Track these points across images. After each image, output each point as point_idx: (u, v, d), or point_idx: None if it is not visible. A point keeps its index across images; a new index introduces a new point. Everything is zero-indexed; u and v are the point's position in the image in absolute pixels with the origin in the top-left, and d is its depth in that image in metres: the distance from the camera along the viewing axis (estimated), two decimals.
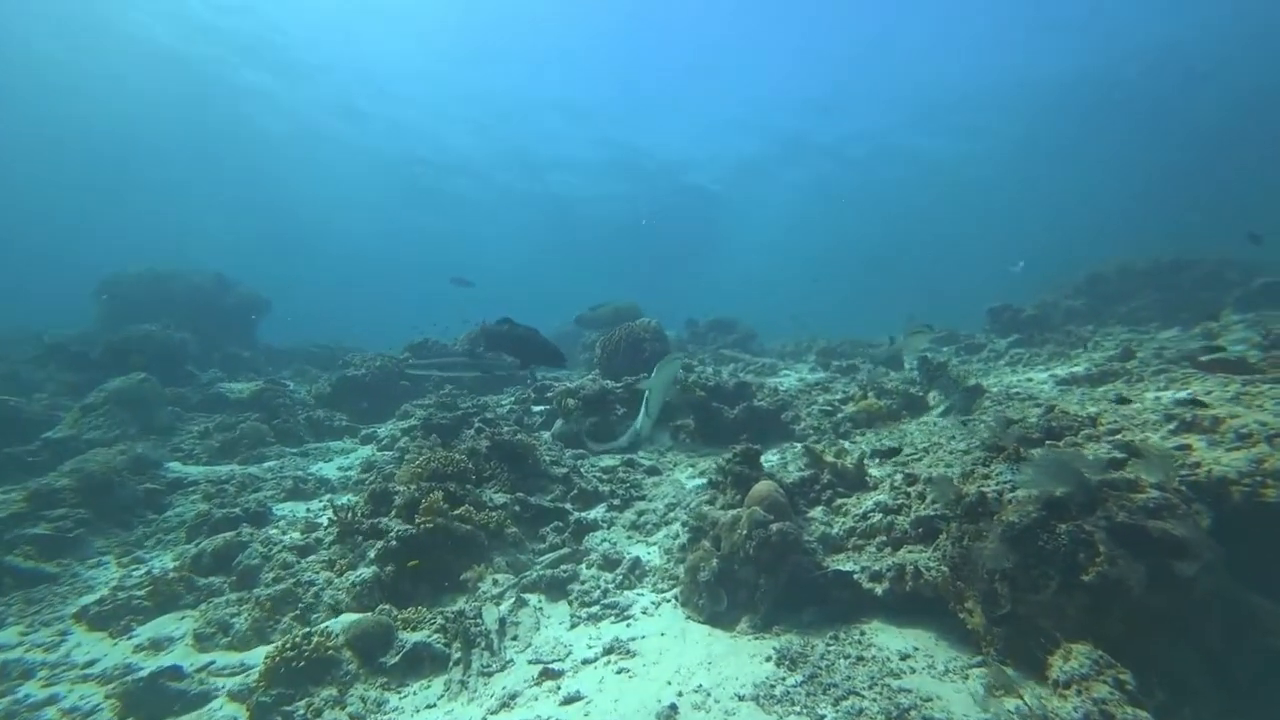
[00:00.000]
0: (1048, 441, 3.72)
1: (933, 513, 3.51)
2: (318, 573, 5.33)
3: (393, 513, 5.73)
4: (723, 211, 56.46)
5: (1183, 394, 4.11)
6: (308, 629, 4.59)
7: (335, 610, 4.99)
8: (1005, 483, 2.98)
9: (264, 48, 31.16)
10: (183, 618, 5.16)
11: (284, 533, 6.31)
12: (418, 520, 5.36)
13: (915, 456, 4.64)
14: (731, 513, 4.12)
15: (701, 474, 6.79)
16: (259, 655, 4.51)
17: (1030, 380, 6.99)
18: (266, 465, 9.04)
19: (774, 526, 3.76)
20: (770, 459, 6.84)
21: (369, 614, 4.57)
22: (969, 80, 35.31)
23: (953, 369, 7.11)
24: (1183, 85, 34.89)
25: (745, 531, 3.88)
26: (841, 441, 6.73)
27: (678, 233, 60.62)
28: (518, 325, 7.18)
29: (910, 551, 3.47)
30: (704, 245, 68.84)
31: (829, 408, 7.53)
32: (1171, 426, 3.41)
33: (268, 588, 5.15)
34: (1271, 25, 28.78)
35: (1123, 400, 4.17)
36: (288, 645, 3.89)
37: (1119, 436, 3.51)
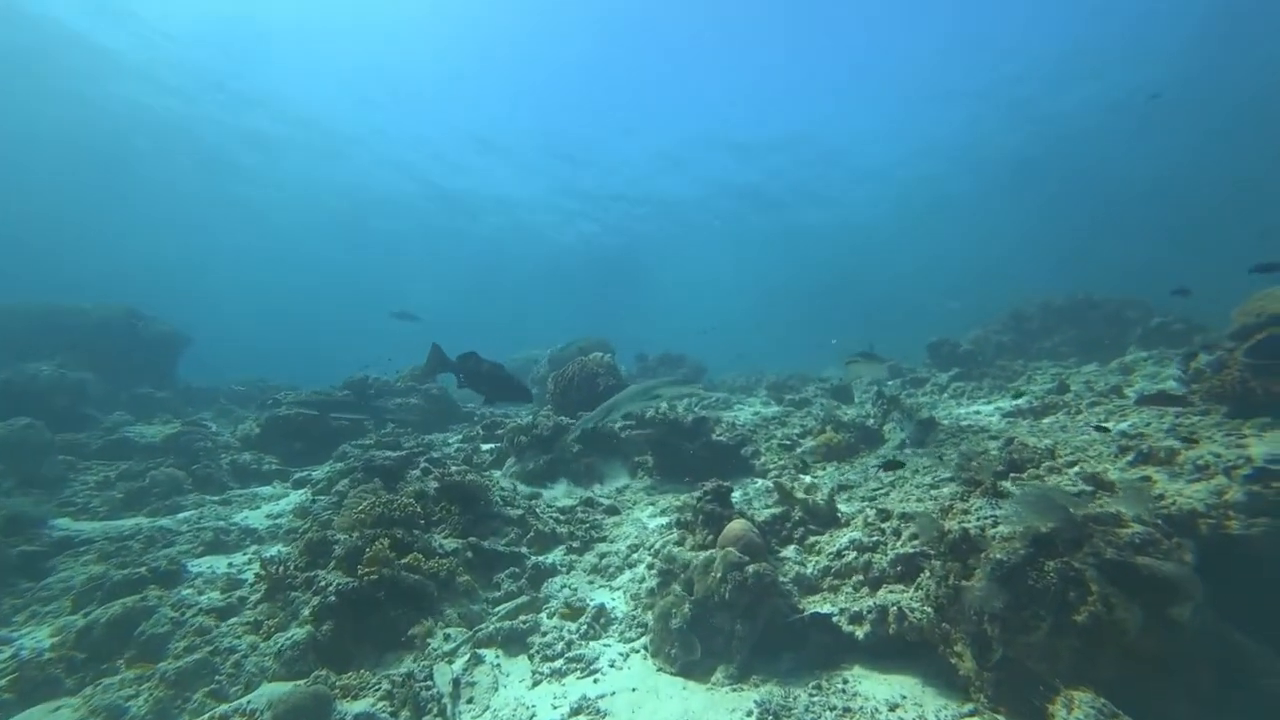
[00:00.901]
0: (1011, 475, 3.75)
1: (912, 550, 3.41)
2: (240, 637, 4.72)
3: (332, 564, 5.20)
4: (654, 250, 57.59)
5: (1123, 425, 4.30)
6: (225, 706, 4.02)
7: (261, 681, 4.42)
8: (986, 518, 2.93)
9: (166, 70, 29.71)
10: (58, 708, 4.31)
11: (200, 593, 5.61)
12: (361, 571, 4.88)
13: (881, 491, 4.62)
14: (704, 554, 3.94)
15: (663, 512, 6.58)
16: None
17: (978, 413, 7.27)
18: (182, 516, 8.15)
19: (750, 568, 3.60)
20: (733, 496, 6.72)
21: (301, 684, 4.04)
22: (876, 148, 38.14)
23: (905, 402, 7.30)
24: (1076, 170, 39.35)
25: (720, 574, 3.70)
26: (803, 477, 6.70)
27: (617, 269, 61.22)
28: (483, 361, 6.88)
29: (891, 592, 3.35)
30: (642, 282, 69.67)
31: (788, 442, 7.53)
32: (1129, 458, 3.50)
33: (176, 660, 4.49)
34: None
35: (1101, 429, 4.27)
36: None
37: (1078, 468, 3.57)
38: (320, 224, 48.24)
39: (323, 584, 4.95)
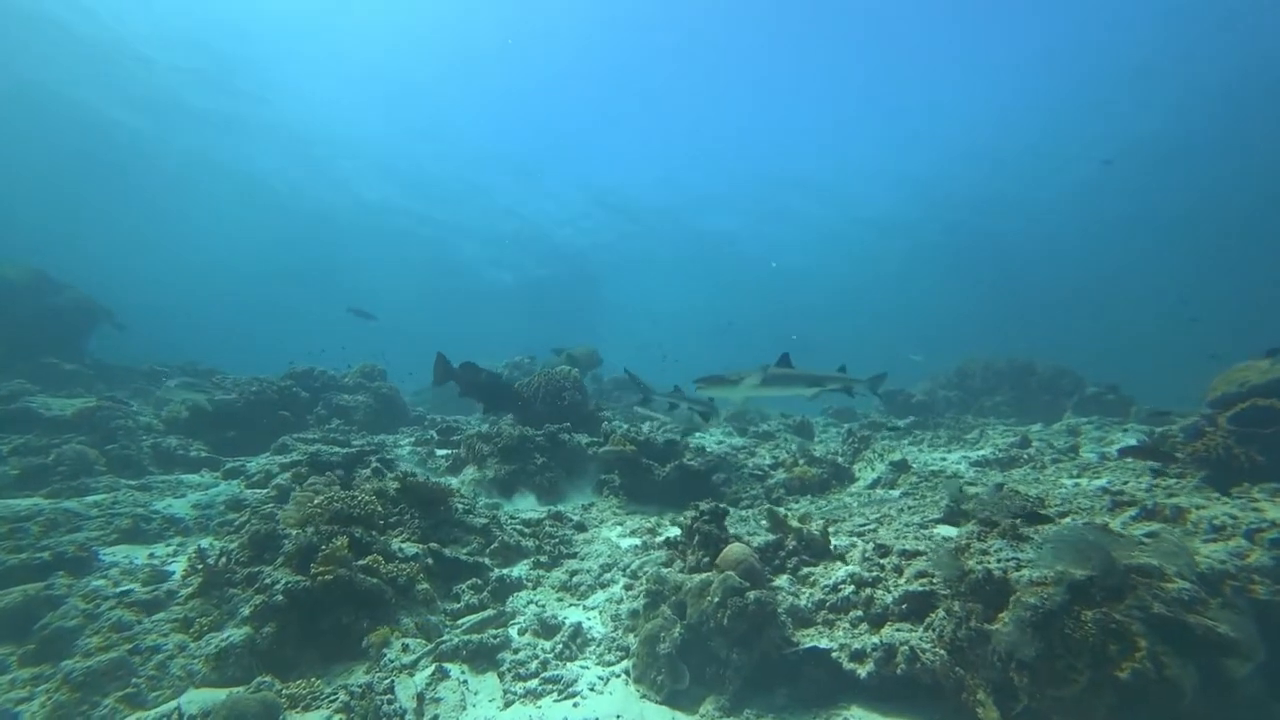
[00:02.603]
0: (1026, 519, 3.81)
1: (921, 588, 3.32)
2: (166, 635, 4.20)
3: (280, 560, 4.74)
4: (607, 277, 58.26)
5: (1100, 482, 4.51)
6: (149, 713, 3.53)
7: (188, 686, 3.92)
8: (1009, 560, 2.90)
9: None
10: None
11: (116, 584, 4.98)
12: (314, 570, 4.46)
13: (868, 527, 4.64)
14: (699, 577, 3.81)
15: (633, 533, 6.41)
16: None
17: (944, 459, 7.55)
18: (91, 500, 7.29)
19: (751, 594, 3.49)
20: None
21: (242, 690, 3.60)
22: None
23: (876, 444, 7.49)
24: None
25: (717, 599, 3.57)
26: (778, 509, 6.70)
27: (566, 292, 61.16)
28: (481, 370, 6.64)
29: (898, 630, 3.23)
30: (593, 306, 69.57)
31: (758, 472, 7.55)
32: (1132, 513, 3.60)
33: (86, 659, 3.93)
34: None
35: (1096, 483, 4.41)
36: None
37: (1069, 519, 3.66)
38: (276, 211, 46.08)
39: (268, 581, 4.50)
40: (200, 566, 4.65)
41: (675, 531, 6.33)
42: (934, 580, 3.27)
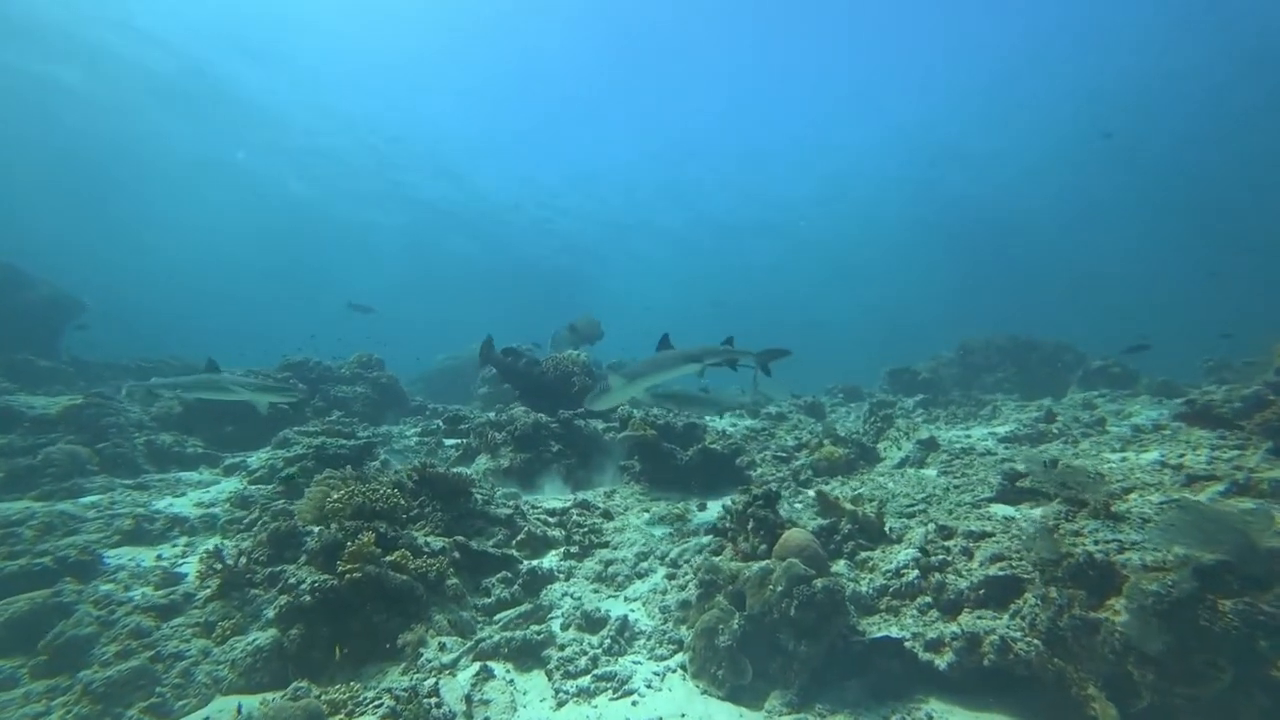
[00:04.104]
0: (1059, 495, 3.67)
1: (1001, 572, 3.11)
2: (188, 641, 3.95)
3: (303, 559, 4.49)
4: (599, 258, 57.81)
5: (1150, 455, 4.39)
6: None
7: (214, 694, 3.69)
8: (1109, 541, 2.73)
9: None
10: None
11: (126, 588, 4.70)
12: (341, 568, 4.23)
13: (916, 508, 4.50)
14: (758, 565, 3.63)
15: (661, 520, 6.23)
16: None
17: (968, 437, 7.45)
18: (86, 501, 6.94)
19: (819, 582, 3.31)
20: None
21: (278, 697, 3.38)
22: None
23: (901, 422, 7.38)
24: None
25: (781, 588, 3.40)
26: (803, 490, 6.57)
27: (560, 273, 60.60)
28: (521, 356, 6.30)
29: (979, 618, 3.02)
30: (585, 288, 69.09)
31: (782, 454, 7.40)
32: (1220, 488, 3.42)
33: (105, 668, 3.67)
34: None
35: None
36: None
37: (1135, 495, 3.51)
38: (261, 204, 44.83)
39: (292, 581, 4.26)
40: (219, 567, 4.39)
41: (705, 517, 6.20)
42: (1014, 564, 3.12)
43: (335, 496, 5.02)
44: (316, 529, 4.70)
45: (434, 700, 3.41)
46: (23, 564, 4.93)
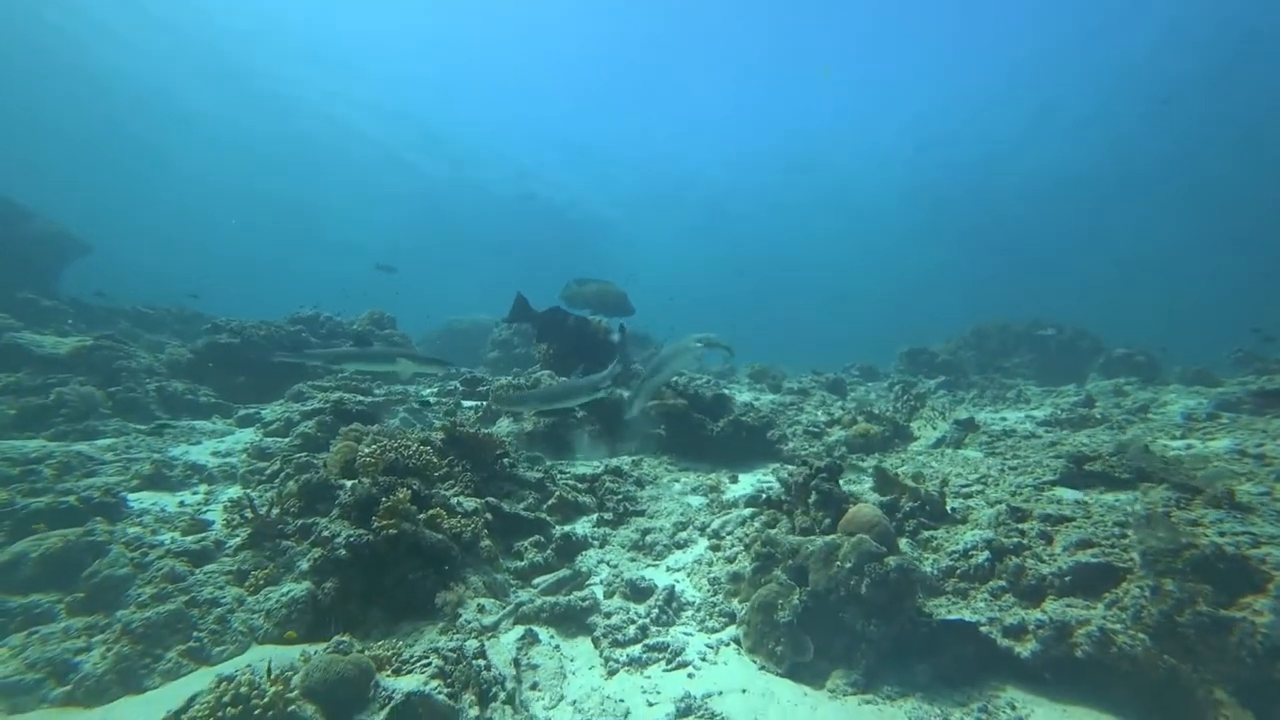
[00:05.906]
0: (1142, 483, 3.52)
1: (1094, 559, 2.94)
2: (222, 588, 3.82)
3: (336, 512, 4.35)
4: (619, 235, 57.89)
5: (1221, 444, 4.24)
6: (226, 666, 3.19)
7: (250, 642, 3.58)
8: (1240, 534, 2.55)
9: None
10: None
11: (154, 532, 4.57)
12: (377, 524, 4.09)
13: (971, 489, 4.36)
14: (822, 540, 3.49)
15: (694, 490, 6.11)
16: (127, 712, 3.04)
17: (1004, 419, 7.32)
18: (103, 444, 6.79)
19: (892, 560, 3.18)
20: (765, 480, 6.35)
21: (329, 650, 3.25)
22: None
23: (933, 401, 7.23)
24: None
25: (850, 564, 3.26)
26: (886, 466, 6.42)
27: (581, 247, 60.72)
28: (569, 315, 6.13)
29: (1069, 606, 2.86)
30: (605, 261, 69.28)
31: (814, 429, 7.26)
32: None
33: (143, 610, 3.54)
34: None
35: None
36: (226, 697, 2.53)
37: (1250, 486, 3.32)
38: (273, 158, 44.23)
39: (326, 534, 4.12)
40: (251, 516, 4.24)
41: (740, 490, 6.07)
42: (1107, 551, 2.97)
43: (366, 451, 4.87)
44: (349, 483, 4.55)
45: (483, 662, 3.30)
46: (48, 501, 4.78)
